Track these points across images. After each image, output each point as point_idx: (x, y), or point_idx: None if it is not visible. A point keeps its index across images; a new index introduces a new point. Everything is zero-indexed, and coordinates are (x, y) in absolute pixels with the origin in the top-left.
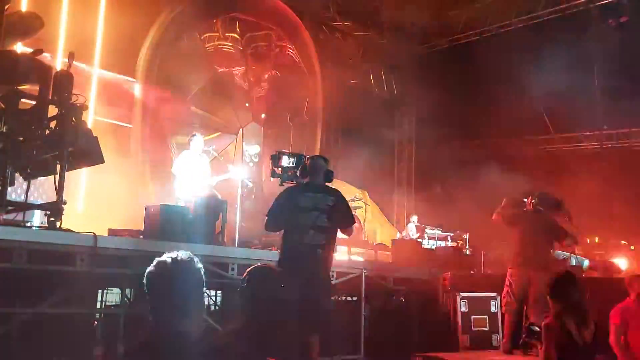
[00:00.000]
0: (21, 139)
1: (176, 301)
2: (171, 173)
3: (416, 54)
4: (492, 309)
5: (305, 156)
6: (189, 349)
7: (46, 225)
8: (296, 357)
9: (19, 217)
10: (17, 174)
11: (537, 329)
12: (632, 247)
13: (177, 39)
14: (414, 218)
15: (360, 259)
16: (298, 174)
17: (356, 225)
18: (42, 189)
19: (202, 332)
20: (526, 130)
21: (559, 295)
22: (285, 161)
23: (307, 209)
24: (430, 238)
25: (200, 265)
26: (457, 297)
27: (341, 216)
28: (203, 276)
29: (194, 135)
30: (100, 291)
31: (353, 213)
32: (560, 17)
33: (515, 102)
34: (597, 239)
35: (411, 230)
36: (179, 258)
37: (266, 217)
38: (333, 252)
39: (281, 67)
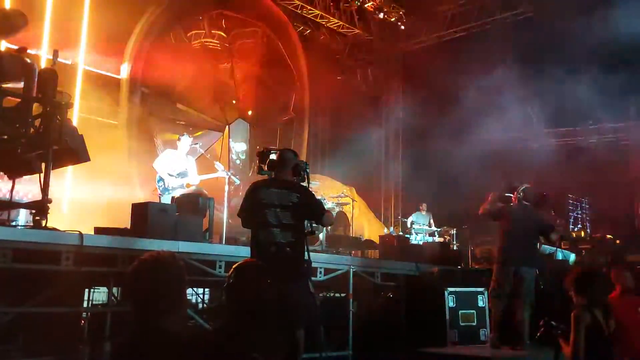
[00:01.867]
0: (5, 137)
1: (157, 299)
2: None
3: (403, 50)
4: (480, 303)
5: (294, 152)
6: (172, 346)
7: (31, 224)
8: (281, 351)
9: (4, 216)
10: (1, 173)
11: (554, 323)
12: (618, 242)
13: (163, 35)
14: (423, 206)
15: (348, 255)
16: (265, 167)
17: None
18: (28, 187)
19: (186, 329)
20: (512, 125)
21: (585, 289)
22: (273, 158)
23: (271, 205)
24: (417, 233)
25: (181, 262)
26: (445, 292)
27: (309, 211)
28: (185, 273)
29: (183, 135)
30: (87, 290)
31: (341, 209)
32: (546, 12)
33: (502, 97)
34: (582, 233)
35: (416, 219)
36: (160, 256)
37: (239, 215)
38: (304, 247)
39: (268, 64)
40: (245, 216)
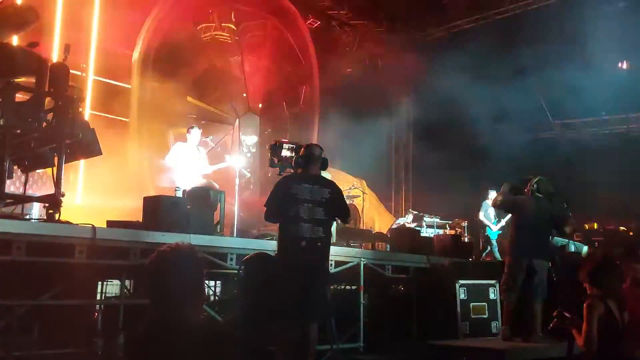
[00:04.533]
0: (18, 131)
1: (176, 291)
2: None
3: (413, 42)
4: (491, 296)
5: (320, 147)
6: (190, 339)
7: (45, 217)
8: (295, 344)
9: (18, 209)
10: (15, 167)
11: (568, 314)
12: (631, 233)
13: (173, 29)
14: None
15: (358, 247)
16: (293, 163)
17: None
18: (41, 181)
19: (203, 321)
20: (524, 117)
21: (600, 281)
22: (285, 151)
23: (304, 200)
24: (428, 226)
25: (200, 254)
26: (456, 284)
27: (338, 209)
28: (203, 265)
29: (192, 127)
30: (99, 283)
31: (351, 202)
32: (557, 3)
33: (513, 89)
34: (595, 225)
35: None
36: (179, 248)
37: (265, 208)
38: (330, 243)
39: (277, 57)
40: (274, 210)
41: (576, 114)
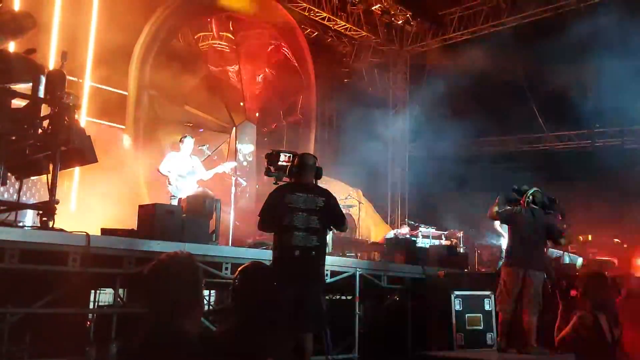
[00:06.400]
0: (13, 138)
1: (175, 300)
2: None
3: (410, 53)
4: (487, 307)
5: (314, 157)
6: (187, 348)
7: (39, 225)
8: (290, 355)
9: (12, 217)
10: (9, 174)
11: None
12: (625, 245)
13: (171, 37)
14: None
15: (354, 257)
16: (286, 172)
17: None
18: (35, 188)
19: (202, 331)
20: (519, 128)
21: (593, 293)
22: (282, 160)
23: (297, 209)
24: (424, 236)
25: (199, 263)
26: (451, 295)
27: (333, 217)
28: (201, 274)
29: (185, 136)
30: (93, 291)
31: (347, 212)
32: (551, 16)
33: (508, 101)
34: (590, 237)
35: None
36: (178, 256)
37: (259, 218)
38: (325, 252)
39: (275, 66)
40: (268, 219)
41: (571, 125)
